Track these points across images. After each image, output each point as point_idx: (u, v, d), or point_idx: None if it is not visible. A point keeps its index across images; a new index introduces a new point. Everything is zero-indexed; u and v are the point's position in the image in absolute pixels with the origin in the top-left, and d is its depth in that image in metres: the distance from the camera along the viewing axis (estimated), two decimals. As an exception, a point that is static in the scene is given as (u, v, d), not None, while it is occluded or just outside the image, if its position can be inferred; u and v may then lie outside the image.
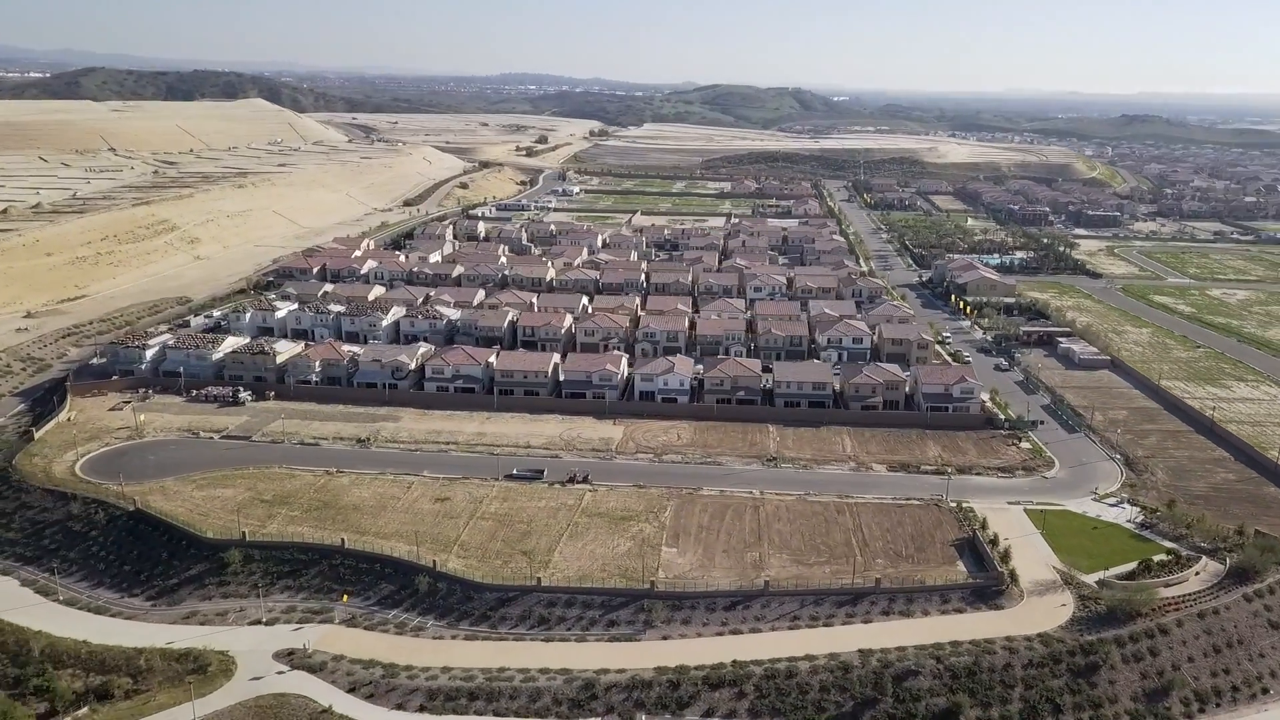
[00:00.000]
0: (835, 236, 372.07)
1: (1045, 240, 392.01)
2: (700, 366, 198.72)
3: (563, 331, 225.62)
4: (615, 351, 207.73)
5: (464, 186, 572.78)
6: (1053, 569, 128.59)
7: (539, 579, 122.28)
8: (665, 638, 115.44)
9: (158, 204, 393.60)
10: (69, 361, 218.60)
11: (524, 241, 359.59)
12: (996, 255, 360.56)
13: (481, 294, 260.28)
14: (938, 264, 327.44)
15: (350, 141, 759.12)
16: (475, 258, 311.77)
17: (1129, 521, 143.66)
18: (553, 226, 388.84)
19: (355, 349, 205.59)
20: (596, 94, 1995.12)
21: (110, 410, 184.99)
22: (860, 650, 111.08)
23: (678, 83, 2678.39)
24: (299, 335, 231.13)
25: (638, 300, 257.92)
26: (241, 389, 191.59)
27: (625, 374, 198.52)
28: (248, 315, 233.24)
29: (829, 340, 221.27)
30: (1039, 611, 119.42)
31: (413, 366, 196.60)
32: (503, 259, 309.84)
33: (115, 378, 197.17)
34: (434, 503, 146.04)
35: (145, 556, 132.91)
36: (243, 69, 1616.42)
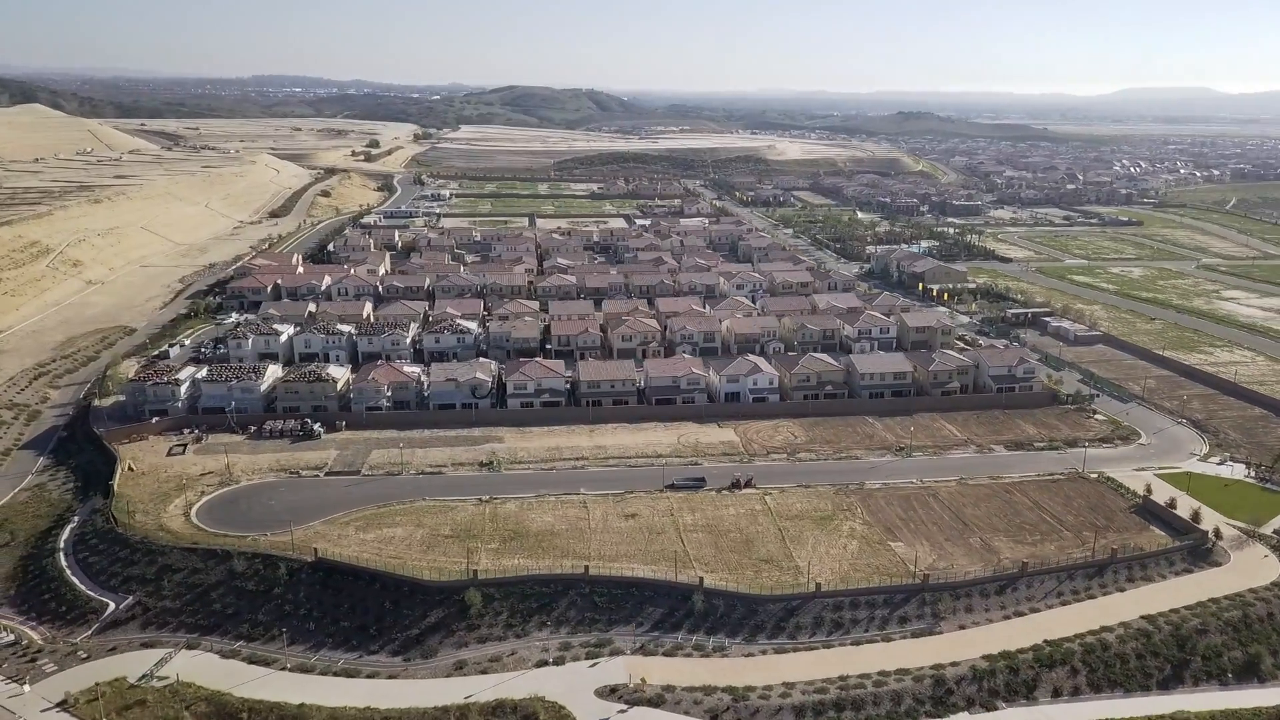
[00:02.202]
0: (763, 233, 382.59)
1: (954, 230, 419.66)
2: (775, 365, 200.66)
3: (597, 338, 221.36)
4: (687, 355, 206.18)
5: (326, 195, 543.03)
6: (1228, 524, 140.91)
7: (818, 585, 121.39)
8: (963, 627, 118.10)
9: (18, 224, 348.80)
10: (57, 406, 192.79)
11: (454, 249, 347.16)
12: (904, 245, 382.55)
13: (480, 304, 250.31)
14: (877, 255, 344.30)
15: (170, 150, 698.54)
16: (433, 268, 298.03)
17: (1246, 477, 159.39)
18: (477, 234, 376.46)
19: (416, 369, 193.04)
20: (388, 96, 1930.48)
21: (170, 455, 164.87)
22: (1143, 616, 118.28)
23: (445, 84, 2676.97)
24: (307, 359, 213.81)
25: (643, 304, 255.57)
26: (309, 421, 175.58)
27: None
28: (249, 341, 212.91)
29: (859, 332, 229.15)
30: (1252, 564, 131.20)
31: (491, 383, 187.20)
32: (463, 269, 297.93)
33: (155, 419, 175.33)
34: (625, 520, 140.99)
35: (360, 609, 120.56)
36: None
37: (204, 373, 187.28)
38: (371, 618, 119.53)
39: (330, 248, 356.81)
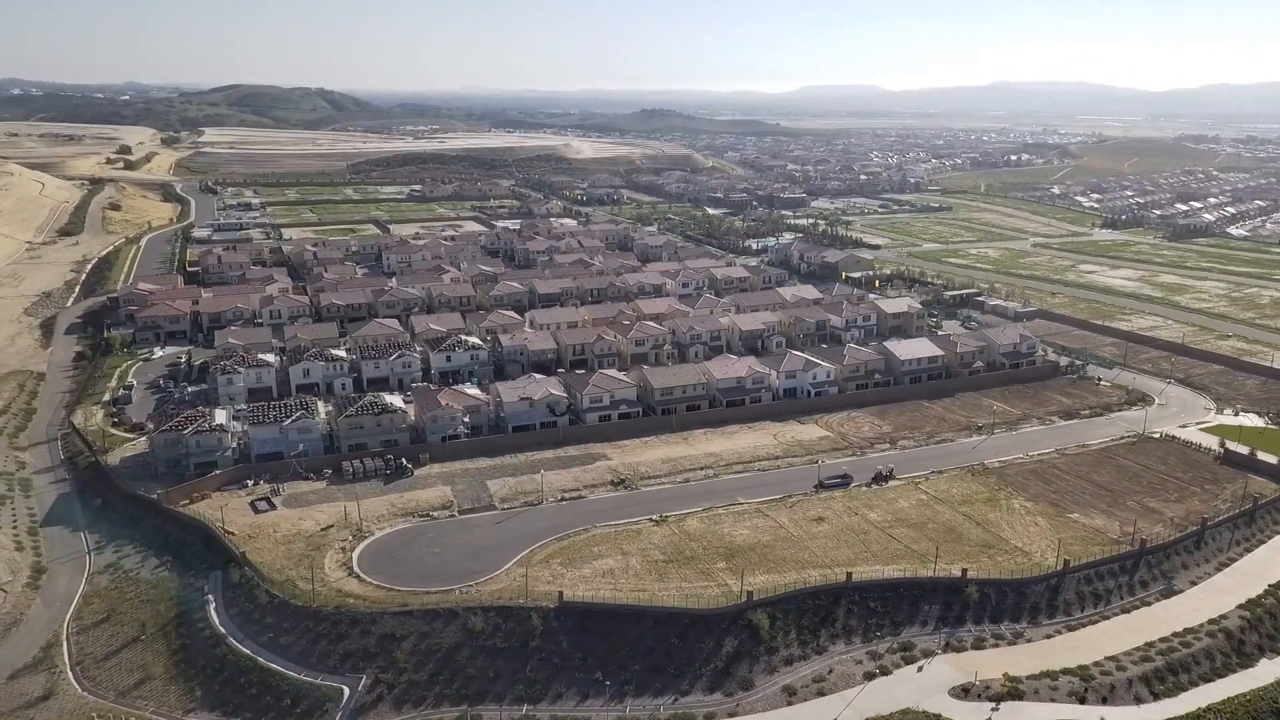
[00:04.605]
0: (654, 232, 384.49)
1: (823, 221, 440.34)
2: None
3: (611, 345, 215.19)
4: (731, 356, 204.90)
5: (115, 209, 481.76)
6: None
7: (1067, 561, 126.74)
8: (1193, 583, 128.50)
9: None
10: (44, 471, 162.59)
11: (344, 261, 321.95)
12: (773, 239, 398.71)
13: (459, 318, 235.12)
14: (775, 248, 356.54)
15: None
16: (357, 283, 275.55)
17: (1269, 425, 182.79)
18: (353, 245, 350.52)
19: (476, 390, 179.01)
20: (74, 96, 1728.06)
21: (258, 513, 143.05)
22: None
23: (120, 83, 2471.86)
24: (305, 389, 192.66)
25: (624, 307, 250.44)
26: (391, 457, 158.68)
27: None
28: (240, 374, 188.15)
29: (847, 321, 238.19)
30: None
31: (566, 400, 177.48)
32: (393, 281, 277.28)
33: (215, 473, 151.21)
34: (817, 524, 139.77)
35: (642, 650, 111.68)
36: None
37: (224, 413, 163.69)
38: (661, 657, 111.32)
39: (190, 266, 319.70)
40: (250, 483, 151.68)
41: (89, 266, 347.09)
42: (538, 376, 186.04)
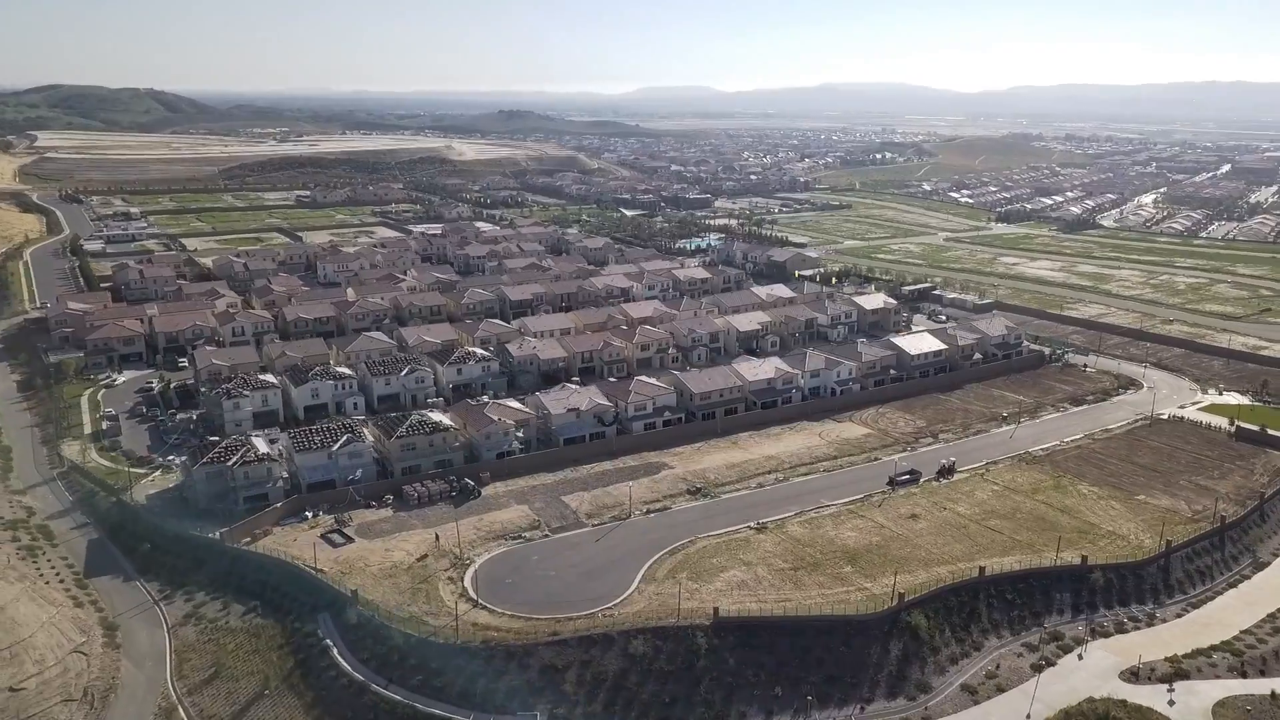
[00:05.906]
0: (578, 234, 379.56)
1: (747, 221, 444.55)
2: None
3: (619, 351, 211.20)
4: (751, 359, 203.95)
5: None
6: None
7: (1169, 542, 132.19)
8: (1275, 554, 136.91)
9: None
10: (57, 516, 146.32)
11: (276, 272, 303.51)
12: (699, 239, 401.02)
13: (449, 328, 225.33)
14: (717, 249, 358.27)
15: None
16: (313, 295, 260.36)
17: (1255, 403, 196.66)
18: (280, 254, 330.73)
19: (518, 404, 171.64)
20: None
21: (335, 547, 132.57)
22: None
23: None
24: (313, 411, 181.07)
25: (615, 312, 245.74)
26: (454, 479, 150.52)
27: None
28: (246, 398, 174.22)
29: (832, 319, 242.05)
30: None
31: (613, 409, 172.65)
32: (350, 291, 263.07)
33: (277, 505, 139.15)
34: (913, 521, 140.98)
35: (812, 660, 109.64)
36: None
37: (264, 441, 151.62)
38: (834, 666, 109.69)
39: (104, 282, 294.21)
40: (309, 514, 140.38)
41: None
42: (572, 386, 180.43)
